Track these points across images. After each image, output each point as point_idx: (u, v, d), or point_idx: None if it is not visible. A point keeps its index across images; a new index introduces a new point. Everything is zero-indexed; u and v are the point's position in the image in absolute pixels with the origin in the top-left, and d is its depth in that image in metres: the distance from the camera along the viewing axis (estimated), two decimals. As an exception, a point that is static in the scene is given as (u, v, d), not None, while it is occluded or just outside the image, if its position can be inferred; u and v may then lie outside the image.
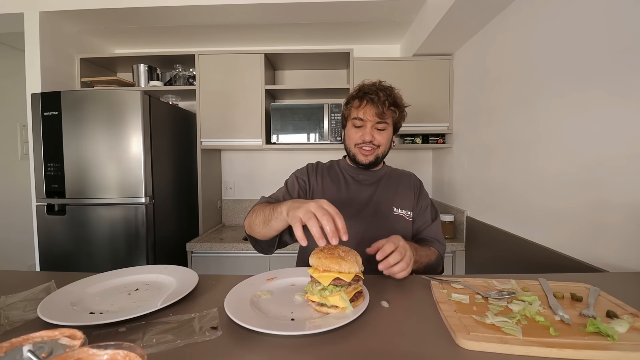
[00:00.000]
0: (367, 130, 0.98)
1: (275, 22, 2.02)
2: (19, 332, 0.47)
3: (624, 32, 0.89)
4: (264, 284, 0.72)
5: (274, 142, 2.07)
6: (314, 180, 1.06)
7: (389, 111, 0.97)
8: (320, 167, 1.11)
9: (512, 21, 1.40)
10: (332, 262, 0.61)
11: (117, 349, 0.34)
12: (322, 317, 0.57)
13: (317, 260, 0.63)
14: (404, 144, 2.22)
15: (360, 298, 0.62)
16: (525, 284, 0.67)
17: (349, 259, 0.61)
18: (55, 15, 1.90)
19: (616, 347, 0.45)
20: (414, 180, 1.11)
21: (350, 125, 1.02)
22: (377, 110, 0.95)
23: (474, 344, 0.46)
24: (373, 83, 1.01)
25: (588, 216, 1.00)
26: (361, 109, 0.98)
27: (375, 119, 0.97)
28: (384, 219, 1.00)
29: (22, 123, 2.54)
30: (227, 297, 0.62)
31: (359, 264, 0.62)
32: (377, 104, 0.95)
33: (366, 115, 0.97)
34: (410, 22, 2.04)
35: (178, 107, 2.17)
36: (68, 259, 1.69)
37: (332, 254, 0.62)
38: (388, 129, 1.01)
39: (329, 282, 0.60)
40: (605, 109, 0.94)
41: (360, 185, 1.05)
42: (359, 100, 0.99)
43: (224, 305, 0.59)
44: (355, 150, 1.02)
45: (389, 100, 0.96)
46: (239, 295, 0.65)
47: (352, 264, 0.61)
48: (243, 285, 0.70)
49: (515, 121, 1.37)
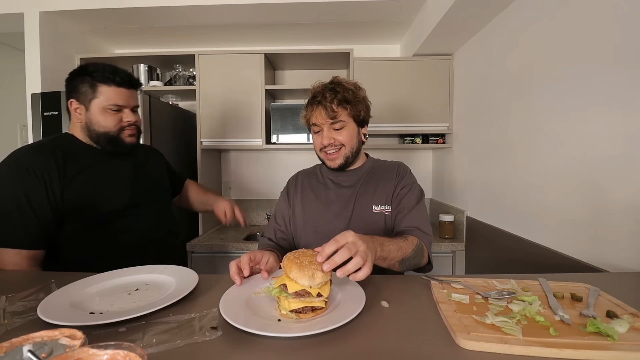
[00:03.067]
0: (325, 134, 0.96)
1: (275, 22, 2.02)
2: (19, 332, 0.47)
3: (624, 31, 0.89)
4: (267, 281, 0.71)
5: (274, 142, 2.07)
6: (292, 193, 1.08)
7: (340, 108, 0.93)
8: (300, 178, 1.11)
9: (512, 21, 1.40)
10: (289, 265, 0.60)
11: (117, 349, 0.34)
12: (310, 320, 0.56)
13: (285, 258, 0.63)
14: (404, 144, 2.22)
15: (309, 313, 0.58)
16: (525, 284, 0.67)
17: (303, 271, 0.58)
18: (55, 15, 1.90)
19: (616, 347, 0.45)
20: (399, 169, 1.04)
21: (312, 132, 1.01)
22: (326, 112, 0.93)
23: (474, 344, 0.46)
24: (322, 83, 0.98)
25: (588, 216, 1.00)
26: (314, 114, 0.96)
27: (328, 120, 0.94)
28: (362, 220, 0.97)
29: (22, 123, 2.54)
30: (226, 293, 0.64)
31: (314, 281, 0.57)
32: (324, 105, 0.93)
33: (318, 119, 0.95)
34: (410, 22, 2.04)
35: (178, 107, 2.17)
36: (68, 259, 1.68)
37: (296, 258, 0.61)
38: (347, 126, 0.96)
39: (278, 284, 0.61)
40: (605, 109, 0.94)
41: (339, 188, 1.03)
42: (311, 105, 0.97)
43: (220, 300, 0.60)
44: (322, 156, 1.01)
45: (337, 98, 0.93)
46: (238, 292, 0.66)
47: (302, 276, 0.57)
48: (247, 281, 0.72)
49: (515, 121, 1.37)
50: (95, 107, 0.97)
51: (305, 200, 1.05)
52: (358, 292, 0.64)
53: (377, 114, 1.99)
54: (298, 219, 1.03)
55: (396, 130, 2.06)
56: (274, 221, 1.07)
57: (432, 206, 2.33)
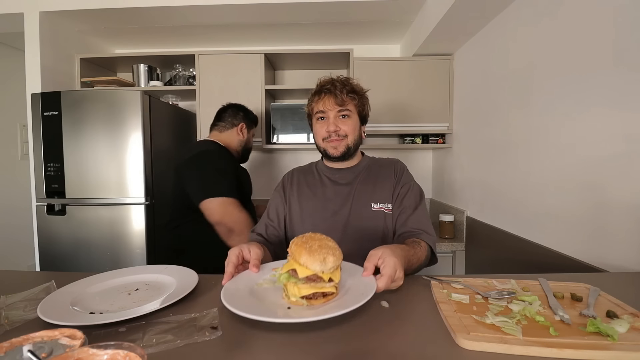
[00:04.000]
0: (331, 121, 0.98)
1: (275, 22, 2.02)
2: (19, 332, 0.47)
3: (625, 31, 0.89)
4: (268, 272, 0.70)
5: (274, 142, 2.07)
6: (289, 190, 1.07)
7: (349, 98, 0.98)
8: (296, 175, 1.11)
9: (512, 21, 1.40)
10: (298, 250, 0.58)
11: (117, 349, 0.34)
12: (322, 306, 0.55)
13: (292, 243, 0.61)
14: (404, 143, 2.22)
15: (320, 299, 0.57)
16: (525, 284, 0.67)
17: (314, 255, 0.56)
18: (55, 15, 1.90)
19: (616, 347, 0.45)
20: (396, 167, 1.05)
21: (315, 121, 1.03)
22: (336, 99, 0.97)
23: (474, 344, 0.46)
24: (329, 77, 1.02)
25: (588, 216, 1.00)
26: (321, 102, 0.99)
27: (336, 107, 0.97)
28: (361, 218, 0.97)
29: (22, 123, 2.54)
30: (225, 288, 0.62)
31: (325, 265, 0.56)
32: (334, 93, 0.97)
33: (326, 106, 0.98)
34: (410, 22, 2.04)
35: (178, 107, 2.17)
36: (68, 259, 1.69)
37: (304, 243, 0.59)
38: (352, 117, 1.00)
39: (286, 270, 0.59)
40: (605, 109, 0.94)
41: (337, 185, 1.03)
42: (318, 94, 1.00)
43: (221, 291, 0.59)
44: (325, 145, 1.01)
45: (346, 88, 0.97)
46: (238, 284, 0.65)
47: (313, 260, 0.56)
48: (247, 273, 0.70)
49: (515, 121, 1.37)
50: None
51: (302, 197, 1.04)
52: (368, 278, 0.63)
53: (377, 114, 2.00)
54: (295, 216, 1.03)
55: (396, 130, 2.06)
56: (267, 217, 1.06)
57: (432, 206, 2.33)
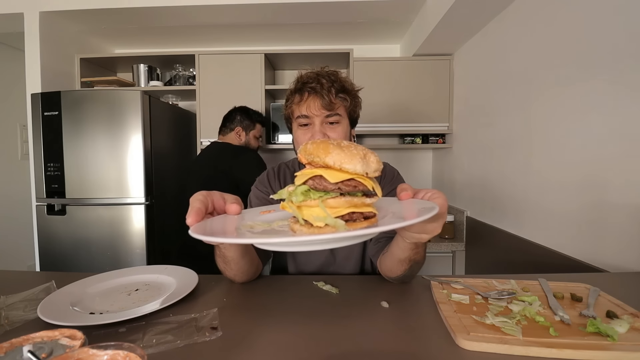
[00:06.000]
0: (317, 129, 0.79)
1: (275, 22, 2.02)
2: (19, 332, 0.47)
3: (625, 31, 0.89)
4: (257, 216, 0.52)
5: (274, 142, 2.07)
6: (274, 184, 0.91)
7: (338, 99, 0.79)
8: (282, 170, 0.95)
9: (512, 21, 1.40)
10: (318, 149, 0.40)
11: (117, 349, 0.34)
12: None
13: (308, 144, 0.43)
14: (404, 144, 2.22)
15: (361, 222, 0.40)
16: (525, 284, 0.67)
17: (347, 151, 0.39)
18: (55, 15, 1.90)
19: (616, 347, 0.45)
20: (385, 170, 0.91)
21: (297, 126, 0.83)
22: (322, 101, 0.77)
23: (474, 344, 0.46)
24: (312, 71, 0.82)
25: (588, 216, 1.00)
26: (304, 104, 0.79)
27: (323, 112, 0.78)
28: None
29: (22, 123, 2.54)
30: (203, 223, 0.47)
31: (369, 165, 0.39)
32: (320, 93, 0.77)
33: (311, 110, 0.78)
34: (410, 22, 2.04)
35: (178, 107, 2.17)
36: (68, 259, 1.69)
37: (323, 142, 0.41)
38: (342, 122, 0.81)
39: (302, 180, 0.40)
40: (605, 109, 0.94)
41: None
42: (299, 94, 0.80)
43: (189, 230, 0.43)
44: None
45: (335, 87, 0.78)
46: (215, 223, 0.48)
47: (351, 157, 0.38)
48: (223, 216, 0.51)
49: (515, 121, 1.37)
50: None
51: None
52: (414, 200, 0.47)
53: (377, 114, 2.00)
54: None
55: (396, 130, 2.06)
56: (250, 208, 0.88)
57: (432, 206, 2.32)
